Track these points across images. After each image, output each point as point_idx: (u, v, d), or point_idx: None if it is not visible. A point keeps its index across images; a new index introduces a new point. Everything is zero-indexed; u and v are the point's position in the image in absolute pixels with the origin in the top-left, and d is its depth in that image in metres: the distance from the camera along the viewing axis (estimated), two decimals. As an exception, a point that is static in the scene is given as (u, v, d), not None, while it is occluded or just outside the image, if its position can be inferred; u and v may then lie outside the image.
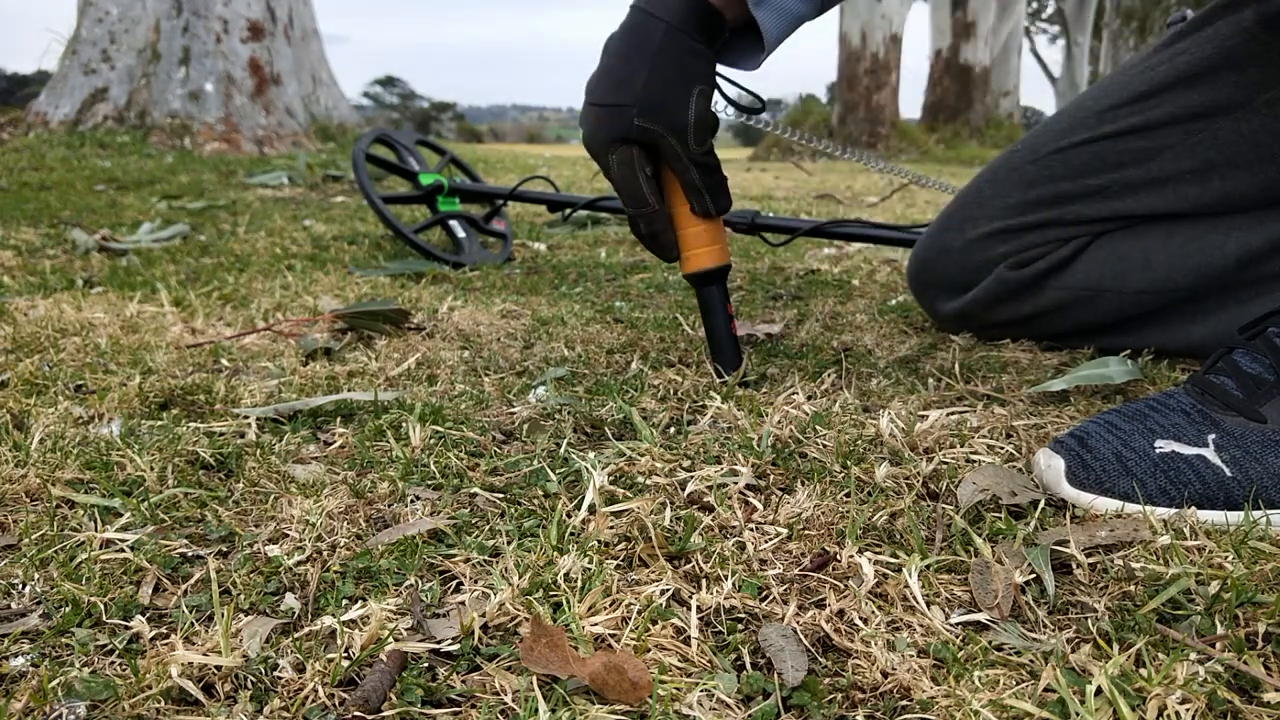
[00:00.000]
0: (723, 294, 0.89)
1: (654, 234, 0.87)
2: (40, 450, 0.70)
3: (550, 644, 0.43)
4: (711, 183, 0.84)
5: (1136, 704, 0.41)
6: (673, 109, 0.80)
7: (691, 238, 0.87)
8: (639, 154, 0.83)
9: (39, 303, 1.23)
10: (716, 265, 0.88)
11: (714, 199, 0.85)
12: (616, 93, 0.81)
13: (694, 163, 0.82)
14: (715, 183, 0.85)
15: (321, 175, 3.31)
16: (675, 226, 0.88)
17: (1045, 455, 0.63)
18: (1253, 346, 0.65)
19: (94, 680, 0.43)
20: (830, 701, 0.42)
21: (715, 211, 0.86)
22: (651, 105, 0.80)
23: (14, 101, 6.36)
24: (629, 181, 0.84)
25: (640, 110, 0.80)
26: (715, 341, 0.90)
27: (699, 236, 0.87)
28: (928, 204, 3.13)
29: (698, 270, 0.88)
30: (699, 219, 0.87)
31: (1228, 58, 0.89)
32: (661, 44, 0.79)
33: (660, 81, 0.80)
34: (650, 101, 0.80)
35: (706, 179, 0.84)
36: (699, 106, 0.81)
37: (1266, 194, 0.91)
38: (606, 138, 0.83)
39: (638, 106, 0.80)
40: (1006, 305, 1.03)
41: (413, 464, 0.69)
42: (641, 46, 0.80)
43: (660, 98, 0.80)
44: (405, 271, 1.52)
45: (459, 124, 38.17)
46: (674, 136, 0.81)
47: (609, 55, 0.83)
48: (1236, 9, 0.89)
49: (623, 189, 0.85)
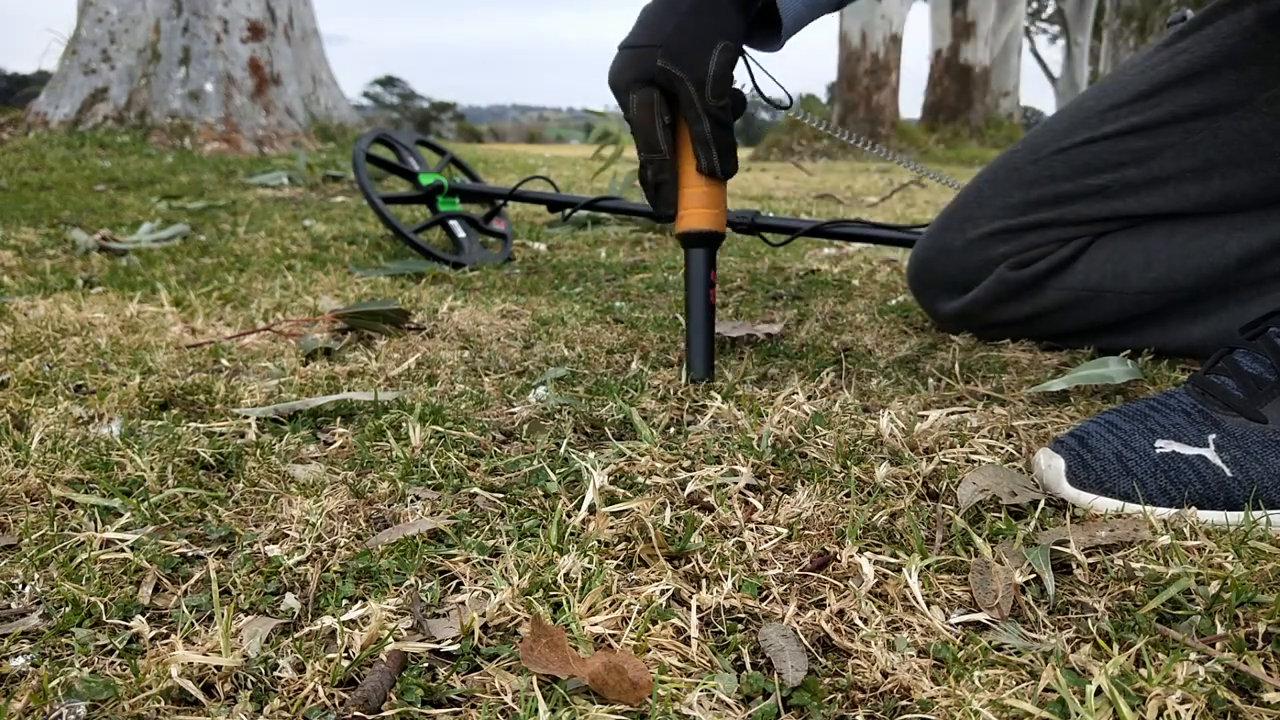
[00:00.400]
0: (708, 262, 0.89)
1: (659, 184, 0.89)
2: (40, 450, 0.70)
3: (550, 644, 0.43)
4: (722, 141, 0.86)
5: (1136, 704, 0.41)
6: (695, 57, 0.83)
7: (691, 196, 0.88)
8: (659, 99, 0.85)
9: (39, 303, 1.23)
10: (709, 228, 0.88)
11: (721, 158, 0.86)
12: (646, 35, 0.85)
13: (708, 114, 0.84)
14: (725, 143, 0.86)
15: (321, 175, 3.31)
16: (679, 183, 0.89)
17: (1045, 455, 0.63)
18: (1253, 346, 0.65)
19: (94, 680, 0.43)
20: (830, 701, 0.42)
21: (720, 171, 0.87)
22: (676, 50, 0.83)
23: (14, 101, 6.36)
24: (645, 124, 0.86)
25: (664, 52, 0.83)
26: (690, 315, 0.89)
27: (699, 197, 0.88)
28: (928, 204, 3.13)
29: (690, 229, 0.89)
30: (703, 179, 0.88)
31: (1228, 56, 0.89)
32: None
33: (688, 29, 0.83)
34: (675, 46, 0.83)
35: (718, 135, 0.85)
36: (721, 60, 0.83)
37: (1268, 193, 0.91)
38: (630, 77, 0.86)
39: (662, 48, 0.83)
40: (1007, 305, 1.03)
41: (413, 464, 0.69)
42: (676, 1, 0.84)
43: (685, 44, 0.83)
44: (405, 271, 1.52)
45: (459, 124, 38.17)
46: (692, 83, 0.83)
47: (645, 10, 0.87)
48: (1237, 8, 0.89)
49: (638, 130, 0.87)
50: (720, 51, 0.83)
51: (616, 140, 2.61)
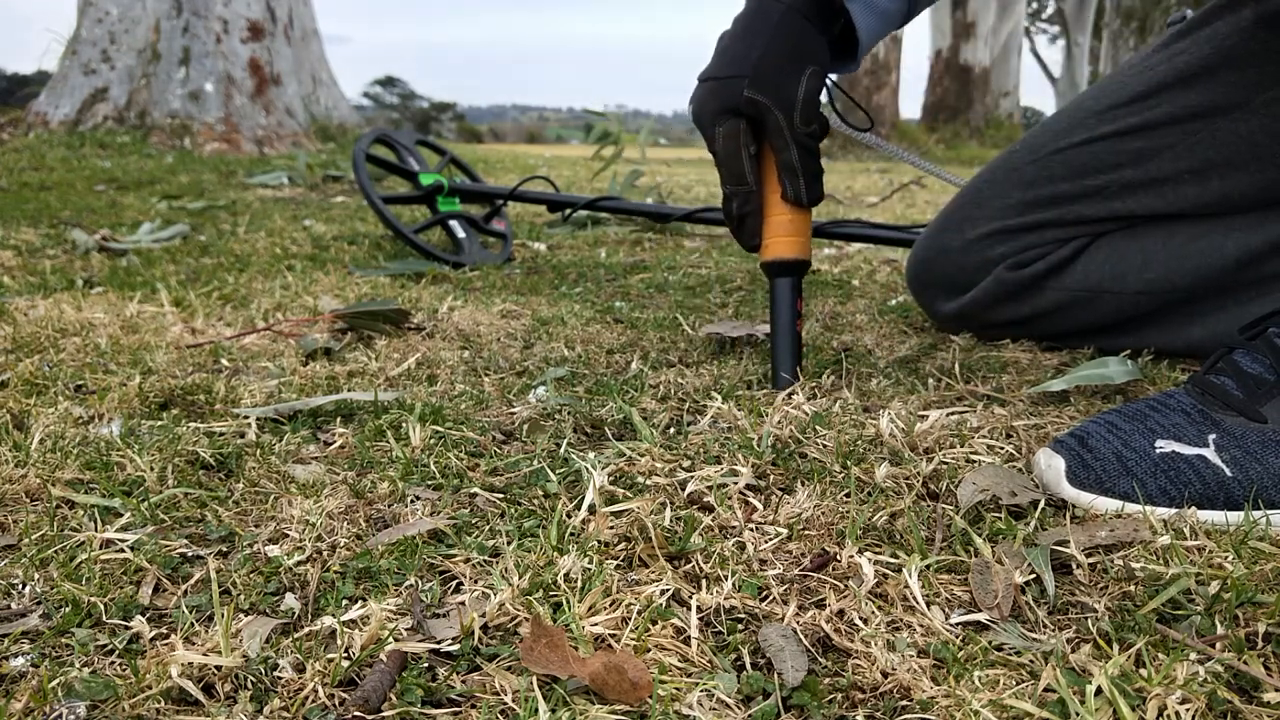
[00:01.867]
0: (794, 290, 0.88)
1: (744, 216, 0.87)
2: (40, 450, 0.70)
3: (550, 644, 0.43)
4: (809, 169, 0.84)
5: (1136, 704, 0.41)
6: (783, 84, 0.81)
7: (776, 225, 0.87)
8: (745, 130, 0.84)
9: (39, 303, 1.23)
10: (795, 257, 0.87)
11: (808, 186, 0.85)
12: (730, 66, 0.83)
13: (796, 142, 0.83)
14: (812, 170, 0.85)
15: (321, 175, 3.31)
16: (764, 213, 0.87)
17: (1045, 455, 0.63)
18: (1253, 347, 0.65)
19: (94, 680, 0.43)
20: (830, 701, 0.42)
21: (806, 200, 0.86)
22: (763, 78, 0.81)
23: (14, 101, 6.36)
24: (731, 156, 0.85)
25: (751, 81, 0.81)
26: (776, 339, 0.88)
27: (784, 225, 0.87)
28: (928, 204, 3.13)
29: (775, 259, 0.87)
30: (788, 207, 0.86)
31: (1226, 57, 0.89)
32: (779, 23, 0.82)
33: (774, 56, 0.81)
34: (762, 74, 0.81)
35: (805, 162, 0.84)
36: (809, 85, 0.81)
37: (1266, 194, 0.91)
38: (716, 108, 0.84)
39: (749, 77, 0.81)
40: (1005, 306, 1.03)
41: (413, 464, 0.69)
42: (759, 26, 0.83)
43: (772, 72, 0.81)
44: (405, 271, 1.52)
45: (459, 124, 38.17)
46: (781, 111, 0.81)
47: (725, 39, 0.85)
48: (1235, 9, 0.88)
49: (724, 163, 0.86)
50: (809, 77, 0.81)
51: (616, 140, 2.61)
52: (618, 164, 2.95)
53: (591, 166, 4.12)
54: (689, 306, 1.28)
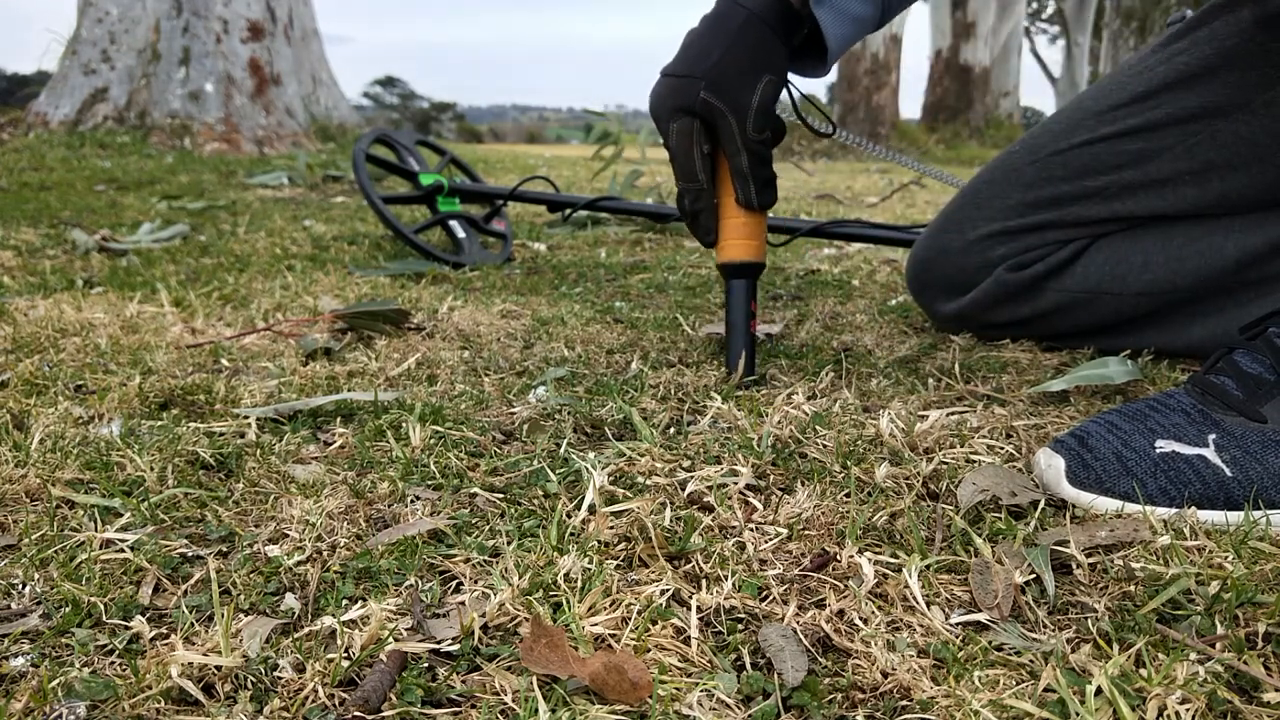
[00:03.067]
0: (749, 292, 0.90)
1: (696, 213, 0.89)
2: (40, 450, 0.70)
3: (550, 644, 0.43)
4: (760, 175, 0.86)
5: (1136, 704, 0.41)
6: (738, 89, 0.83)
7: (730, 228, 0.89)
8: (699, 129, 0.85)
9: (39, 303, 1.23)
10: (747, 259, 0.89)
11: (758, 191, 0.87)
12: (688, 65, 0.84)
13: (747, 148, 0.84)
14: (763, 176, 0.87)
15: (321, 175, 3.31)
16: (719, 215, 0.90)
17: (1045, 455, 0.63)
18: (1253, 347, 0.65)
19: (94, 680, 0.43)
20: (830, 702, 0.42)
21: (758, 205, 0.88)
22: (719, 81, 0.83)
23: (14, 101, 6.36)
24: (684, 154, 0.87)
25: (707, 84, 0.83)
26: (730, 338, 0.91)
27: (738, 228, 0.89)
28: (928, 204, 3.13)
29: (728, 261, 0.90)
30: (741, 211, 0.89)
31: (1225, 58, 0.89)
32: (740, 28, 0.83)
33: (732, 61, 0.83)
34: (718, 77, 0.83)
35: (755, 169, 0.86)
36: (764, 94, 0.83)
37: (1266, 195, 0.91)
38: (671, 105, 0.86)
39: (705, 80, 0.83)
40: (1005, 307, 1.03)
41: (413, 464, 0.69)
42: (720, 29, 0.84)
43: (729, 76, 0.83)
44: (405, 271, 1.52)
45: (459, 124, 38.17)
46: (734, 116, 0.83)
47: (689, 36, 0.87)
48: (1234, 9, 0.88)
49: (677, 159, 0.87)
50: (764, 86, 0.83)
51: (616, 140, 2.61)
52: (618, 164, 2.95)
53: (591, 166, 4.12)
54: (689, 306, 1.28)
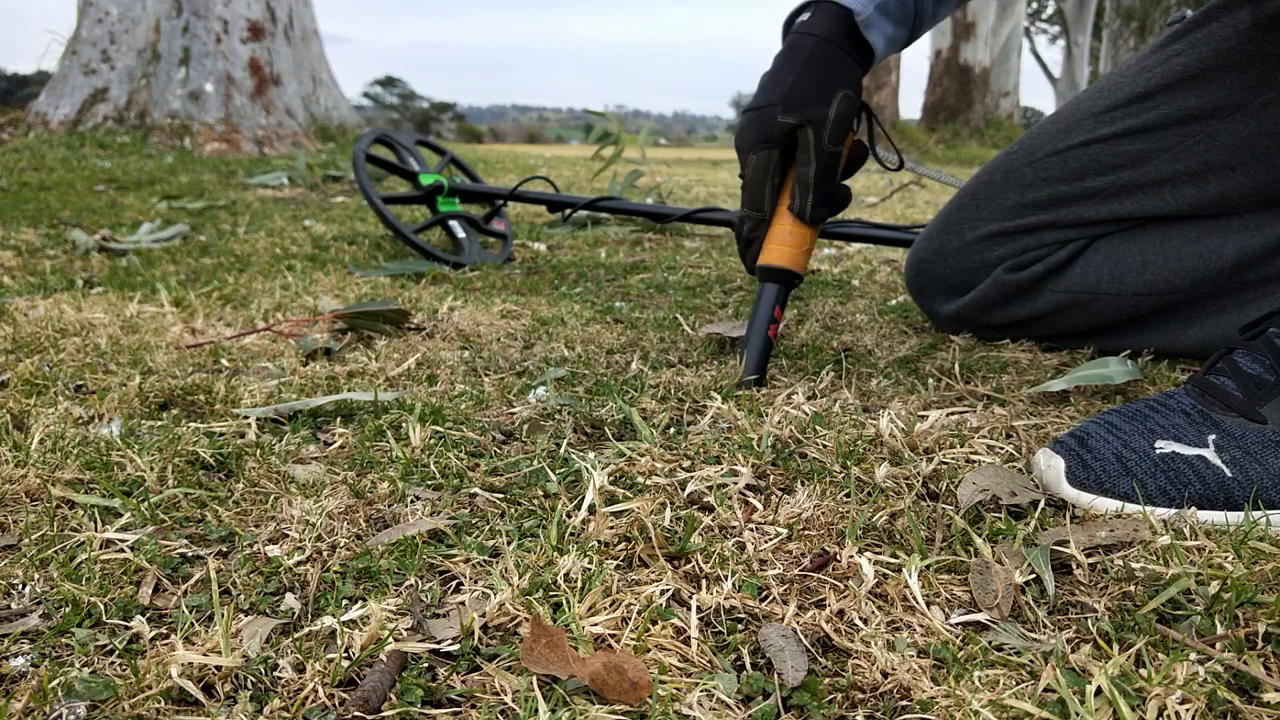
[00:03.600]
0: (778, 298, 0.90)
1: (751, 240, 0.92)
2: (40, 450, 0.70)
3: (550, 644, 0.43)
4: (821, 188, 0.88)
5: (1136, 704, 0.41)
6: (814, 104, 0.85)
7: (776, 233, 0.90)
8: (776, 161, 0.88)
9: (39, 303, 1.23)
10: (783, 265, 0.90)
11: (814, 204, 0.88)
12: (765, 96, 0.88)
13: (818, 159, 0.86)
14: (824, 190, 0.88)
15: (321, 175, 3.31)
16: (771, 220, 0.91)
17: (1045, 455, 0.63)
18: (1253, 347, 0.65)
19: (94, 680, 0.43)
20: (830, 701, 0.42)
21: (809, 217, 0.88)
22: (794, 101, 0.86)
23: (14, 101, 6.36)
24: (756, 183, 0.89)
25: (784, 107, 0.86)
26: (747, 338, 0.90)
27: (784, 234, 0.90)
28: (928, 204, 3.13)
29: (765, 263, 0.90)
30: (792, 219, 0.89)
31: (1224, 59, 0.89)
32: (811, 53, 0.87)
33: (806, 82, 0.86)
34: (793, 98, 0.86)
35: (820, 181, 0.87)
36: (840, 106, 0.86)
37: (1264, 196, 0.91)
38: (752, 139, 0.89)
39: (781, 104, 0.86)
40: (1004, 308, 1.03)
41: (413, 464, 0.69)
42: (793, 57, 0.87)
43: (803, 95, 0.86)
44: (405, 272, 1.52)
45: (459, 124, 38.17)
46: (811, 127, 0.85)
47: (764, 76, 0.90)
48: (1232, 10, 0.88)
49: (748, 188, 0.90)
50: (840, 99, 0.85)
51: (616, 140, 2.61)
52: (618, 164, 2.95)
53: (591, 166, 4.12)
54: (689, 306, 1.28)
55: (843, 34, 0.87)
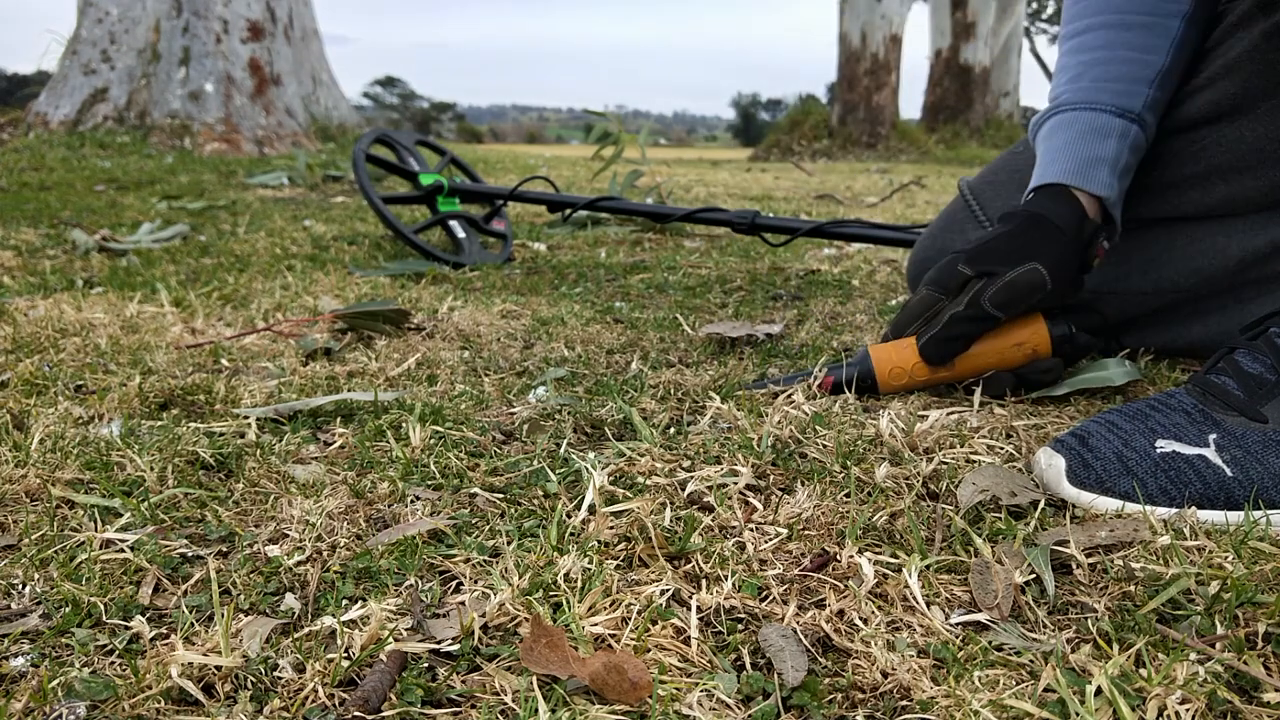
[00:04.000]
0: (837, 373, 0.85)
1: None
2: (40, 450, 0.70)
3: (550, 644, 0.43)
4: (950, 328, 0.83)
5: (1136, 704, 0.41)
6: (996, 262, 0.82)
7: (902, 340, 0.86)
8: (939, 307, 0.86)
9: (39, 303, 1.23)
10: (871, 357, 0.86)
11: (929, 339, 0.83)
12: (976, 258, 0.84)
13: (969, 305, 0.82)
14: (946, 335, 0.83)
15: (321, 175, 3.31)
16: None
17: (1046, 454, 0.63)
18: (1254, 346, 0.65)
19: (94, 680, 0.43)
20: (830, 701, 0.42)
21: (920, 343, 0.84)
22: (980, 256, 0.83)
23: (14, 101, 6.36)
24: (910, 314, 0.88)
25: (967, 258, 0.84)
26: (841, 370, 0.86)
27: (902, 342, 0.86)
28: (928, 204, 3.13)
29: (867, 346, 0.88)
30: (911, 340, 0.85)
31: (1231, 64, 0.89)
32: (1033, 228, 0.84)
33: (1005, 244, 0.84)
34: (981, 254, 0.84)
35: (953, 321, 0.82)
36: (1021, 275, 0.81)
37: (1269, 198, 0.91)
38: (930, 279, 0.87)
39: (967, 257, 0.84)
40: (1006, 306, 1.03)
41: (413, 464, 0.69)
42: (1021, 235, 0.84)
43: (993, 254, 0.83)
44: (405, 272, 1.52)
45: (459, 124, 38.18)
46: (981, 280, 0.82)
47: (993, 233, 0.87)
48: (1245, 21, 0.88)
49: (901, 314, 0.90)
50: (1027, 270, 0.81)
51: (617, 140, 2.61)
52: (618, 164, 2.95)
53: (591, 167, 4.12)
54: (689, 306, 1.28)
55: (1073, 220, 0.84)
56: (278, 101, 4.62)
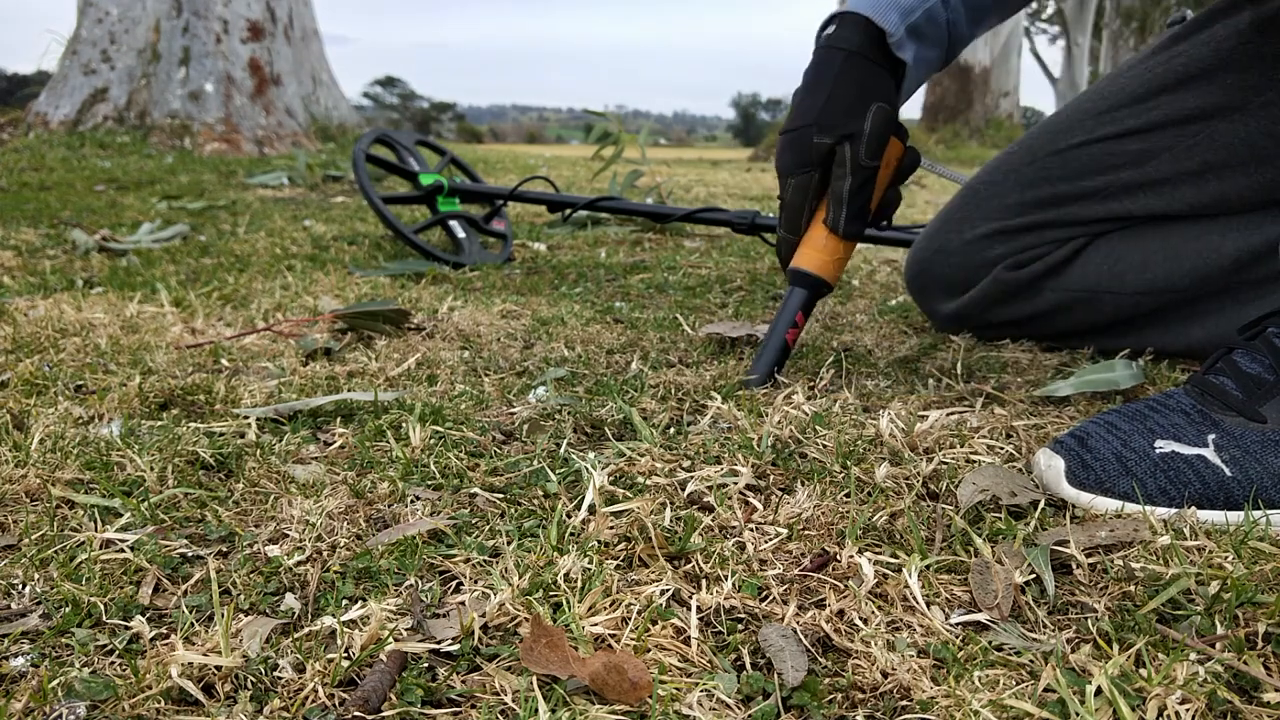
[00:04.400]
0: (801, 303, 0.90)
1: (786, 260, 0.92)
2: (40, 450, 0.70)
3: (550, 644, 0.43)
4: (855, 202, 0.87)
5: (1136, 704, 0.41)
6: (849, 121, 0.84)
7: (811, 238, 0.90)
8: (815, 183, 0.88)
9: (39, 303, 1.23)
10: (809, 270, 0.89)
11: (848, 218, 0.87)
12: (800, 117, 0.87)
13: (854, 173, 0.85)
14: (858, 204, 0.87)
15: (321, 175, 3.31)
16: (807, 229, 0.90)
17: (1045, 455, 0.63)
18: (1252, 347, 0.65)
19: (94, 680, 0.43)
20: (830, 702, 0.42)
21: (843, 232, 0.88)
22: (829, 121, 0.85)
23: (14, 101, 6.36)
24: (794, 208, 0.89)
25: (819, 127, 0.85)
26: (765, 339, 0.90)
27: (817, 240, 0.89)
28: (928, 204, 3.13)
29: (794, 267, 0.90)
30: (826, 232, 0.89)
31: (1223, 60, 0.89)
32: (841, 68, 0.85)
33: (840, 97, 0.85)
34: (827, 118, 0.85)
35: (854, 195, 0.86)
36: (876, 120, 0.84)
37: (1263, 196, 0.91)
38: (790, 161, 0.88)
39: (816, 125, 0.85)
40: (1004, 306, 1.03)
41: (413, 464, 0.69)
42: (823, 74, 0.86)
43: (837, 112, 0.85)
44: (405, 272, 1.52)
45: (459, 124, 38.19)
46: (848, 144, 0.84)
47: (797, 93, 0.89)
48: (1233, 12, 0.88)
49: (786, 210, 0.90)
50: (875, 112, 0.84)
51: (616, 140, 2.60)
52: (618, 164, 2.95)
53: (591, 166, 4.12)
54: (689, 306, 1.28)
55: (869, 43, 0.86)
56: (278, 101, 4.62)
